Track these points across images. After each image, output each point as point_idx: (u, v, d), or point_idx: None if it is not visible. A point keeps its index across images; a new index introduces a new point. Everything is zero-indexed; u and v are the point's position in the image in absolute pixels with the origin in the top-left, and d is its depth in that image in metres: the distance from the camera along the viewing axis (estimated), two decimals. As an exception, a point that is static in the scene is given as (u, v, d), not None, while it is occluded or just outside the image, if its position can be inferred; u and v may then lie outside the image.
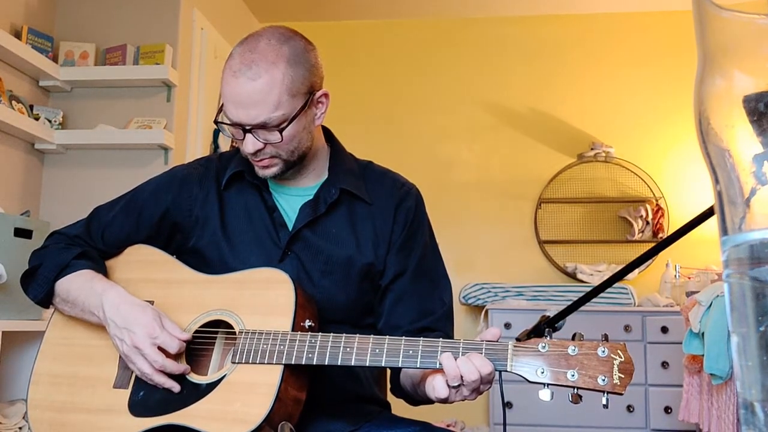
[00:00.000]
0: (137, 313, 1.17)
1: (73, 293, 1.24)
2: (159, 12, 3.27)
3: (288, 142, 1.21)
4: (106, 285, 1.23)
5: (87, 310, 1.22)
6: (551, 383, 1.01)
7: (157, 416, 1.13)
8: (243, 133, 1.20)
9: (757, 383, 0.40)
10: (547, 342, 1.03)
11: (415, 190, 1.38)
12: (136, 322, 1.15)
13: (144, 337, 1.14)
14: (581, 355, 1.00)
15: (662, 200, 3.99)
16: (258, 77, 1.16)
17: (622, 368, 0.99)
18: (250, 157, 1.23)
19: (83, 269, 1.25)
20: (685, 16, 4.03)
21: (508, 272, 4.04)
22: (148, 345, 1.13)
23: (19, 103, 2.89)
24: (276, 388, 1.07)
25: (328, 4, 4.13)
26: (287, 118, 1.19)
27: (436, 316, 1.30)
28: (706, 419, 2.52)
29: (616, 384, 0.98)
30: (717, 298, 2.47)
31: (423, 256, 1.32)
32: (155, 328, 1.14)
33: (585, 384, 0.99)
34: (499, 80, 4.25)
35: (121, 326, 1.16)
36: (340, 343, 1.09)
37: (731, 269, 0.42)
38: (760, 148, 0.41)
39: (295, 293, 1.14)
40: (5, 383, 2.59)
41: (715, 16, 0.43)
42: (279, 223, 1.28)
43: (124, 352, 1.17)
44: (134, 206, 1.34)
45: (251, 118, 1.18)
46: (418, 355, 1.06)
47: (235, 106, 1.18)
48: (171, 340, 1.14)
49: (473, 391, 1.05)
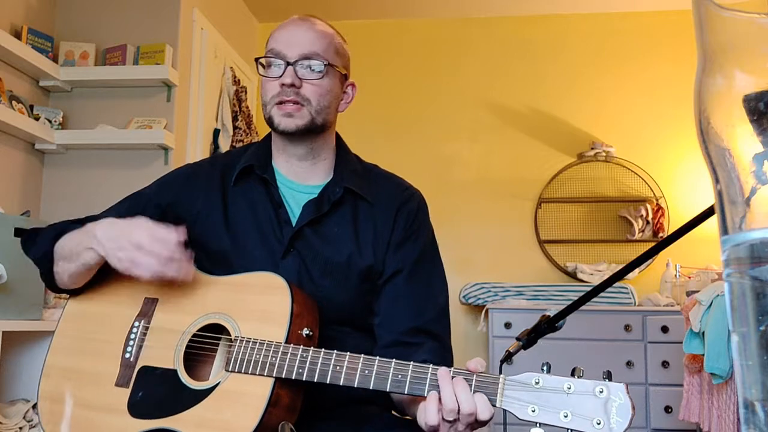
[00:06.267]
0: (129, 222, 1.15)
1: (68, 245, 1.24)
2: (159, 12, 3.27)
3: (320, 94, 1.26)
4: (97, 223, 1.21)
5: (82, 248, 1.20)
6: (543, 423, 0.95)
7: (153, 419, 1.13)
8: (285, 66, 1.24)
9: (758, 383, 0.40)
10: (542, 377, 0.97)
11: (419, 195, 1.38)
12: (131, 225, 1.14)
13: (142, 233, 1.12)
14: (577, 395, 0.94)
15: (662, 200, 3.99)
16: (315, 25, 1.29)
17: (620, 412, 0.93)
18: (280, 97, 1.24)
19: (78, 230, 1.26)
20: (685, 15, 4.03)
21: (509, 272, 4.04)
22: (147, 237, 1.11)
23: (19, 103, 2.90)
24: (266, 401, 1.06)
25: (328, 5, 4.13)
26: (330, 64, 1.27)
27: (430, 317, 1.28)
28: (707, 419, 2.52)
29: (612, 428, 0.92)
30: (717, 298, 2.47)
31: (420, 258, 1.31)
32: (150, 224, 1.13)
33: (579, 426, 0.93)
34: (499, 80, 4.25)
35: (117, 237, 1.14)
36: (330, 361, 1.07)
37: (731, 268, 0.42)
38: (760, 147, 0.41)
39: (291, 301, 1.13)
40: (5, 383, 2.59)
41: (715, 15, 0.43)
42: (284, 219, 1.29)
43: (129, 258, 1.13)
44: (137, 202, 1.36)
45: (301, 48, 1.25)
46: (406, 381, 1.03)
47: (287, 44, 1.26)
48: (167, 230, 1.12)
49: (468, 426, 0.99)
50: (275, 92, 1.25)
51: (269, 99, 1.27)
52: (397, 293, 1.28)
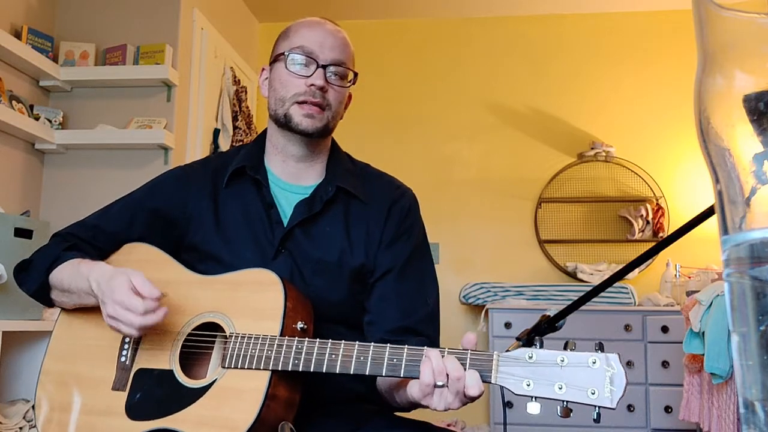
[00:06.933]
0: (110, 282, 1.13)
1: (66, 282, 1.24)
2: (159, 12, 3.27)
3: (339, 101, 1.29)
4: (90, 265, 1.21)
5: (82, 293, 1.21)
6: (539, 396, 0.96)
7: (151, 420, 1.13)
8: (317, 67, 1.25)
9: (758, 382, 0.40)
10: (535, 351, 0.97)
11: (411, 194, 1.38)
12: (109, 291, 1.12)
13: (113, 305, 1.11)
14: (571, 367, 0.95)
15: (662, 199, 3.99)
16: (340, 32, 1.31)
17: (614, 381, 0.93)
18: (305, 97, 1.24)
19: (72, 259, 1.25)
20: (685, 15, 4.03)
21: (509, 272, 4.04)
22: (119, 311, 1.10)
23: (19, 103, 2.90)
24: (263, 395, 1.07)
25: (329, 5, 4.13)
26: (354, 75, 1.30)
27: (419, 317, 1.28)
28: (707, 419, 2.52)
29: (606, 397, 0.93)
30: (717, 298, 2.47)
31: (411, 257, 1.31)
32: (122, 294, 1.10)
33: (574, 397, 0.94)
34: (499, 80, 4.25)
35: (101, 299, 1.14)
36: (326, 350, 1.08)
37: (731, 268, 0.42)
38: (760, 147, 0.41)
39: (284, 296, 1.13)
40: (5, 383, 2.59)
41: (715, 15, 0.43)
42: (275, 220, 1.29)
43: (110, 314, 1.12)
44: (128, 206, 1.35)
45: (334, 54, 1.26)
46: (402, 364, 1.04)
47: (320, 46, 1.26)
48: (136, 301, 1.09)
49: (457, 395, 1.01)
50: (299, 90, 1.25)
51: (290, 96, 1.26)
52: (387, 292, 1.28)
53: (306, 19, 1.32)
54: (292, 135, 1.28)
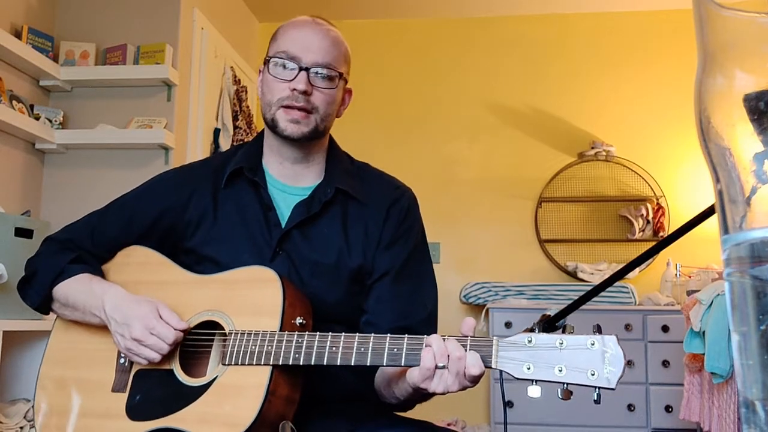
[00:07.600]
0: (134, 307, 1.18)
1: (72, 298, 1.25)
2: (159, 12, 3.27)
3: (328, 102, 1.26)
4: (105, 286, 1.24)
5: (88, 312, 1.23)
6: (539, 379, 0.97)
7: (153, 420, 1.14)
8: (299, 71, 1.23)
9: (758, 382, 0.40)
10: (534, 335, 0.99)
11: (410, 194, 1.37)
12: (134, 315, 1.16)
13: (142, 329, 1.15)
14: (570, 349, 0.96)
15: (663, 199, 3.99)
16: (330, 31, 1.28)
17: (612, 362, 0.94)
18: (288, 102, 1.23)
19: (79, 273, 1.26)
20: (686, 15, 4.03)
21: (509, 271, 4.04)
22: (147, 335, 1.15)
23: (19, 103, 2.90)
24: (264, 390, 1.07)
25: (329, 4, 4.13)
26: (341, 75, 1.27)
27: (416, 319, 1.27)
28: (707, 418, 2.52)
29: (606, 378, 0.93)
30: (718, 297, 2.47)
31: (409, 258, 1.31)
32: (151, 320, 1.15)
33: (574, 379, 0.94)
34: (499, 80, 4.25)
35: (121, 322, 1.18)
36: (326, 343, 1.08)
37: (732, 268, 0.42)
38: (760, 146, 0.41)
39: (283, 292, 1.13)
40: (6, 383, 2.59)
41: (715, 14, 0.43)
42: (273, 222, 1.28)
43: (126, 347, 1.17)
44: (125, 209, 1.35)
45: (317, 56, 1.24)
46: (402, 353, 1.04)
47: (303, 48, 1.24)
48: (167, 329, 1.15)
49: (457, 376, 1.01)
50: (283, 95, 1.24)
51: (275, 100, 1.25)
52: (385, 293, 1.28)
53: (297, 18, 1.30)
54: (283, 139, 1.28)
